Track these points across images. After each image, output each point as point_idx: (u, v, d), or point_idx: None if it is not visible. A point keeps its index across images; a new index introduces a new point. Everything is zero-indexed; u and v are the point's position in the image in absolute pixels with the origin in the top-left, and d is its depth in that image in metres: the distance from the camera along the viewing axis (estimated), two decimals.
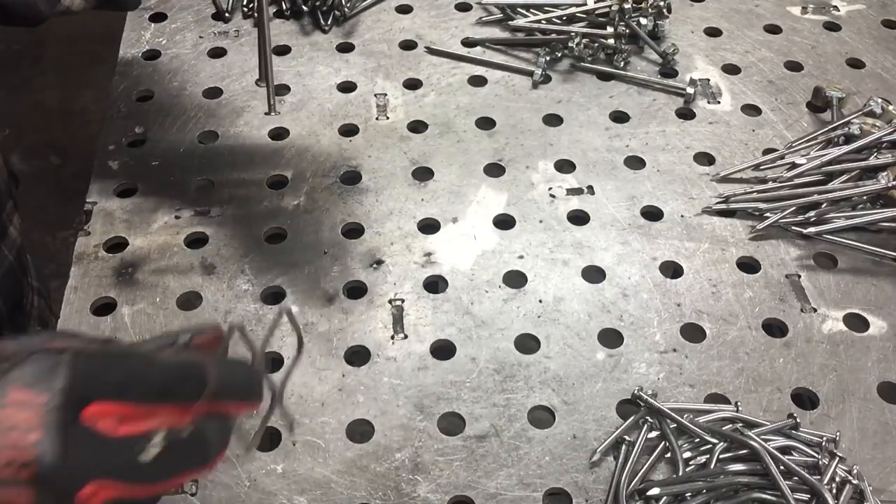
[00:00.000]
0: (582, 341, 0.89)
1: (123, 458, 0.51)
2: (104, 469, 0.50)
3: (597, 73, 1.18)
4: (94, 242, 0.97)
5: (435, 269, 0.95)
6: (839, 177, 1.00)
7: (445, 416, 0.84)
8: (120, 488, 0.51)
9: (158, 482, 0.52)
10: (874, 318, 0.91)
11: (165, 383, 0.53)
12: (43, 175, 2.65)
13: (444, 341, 0.89)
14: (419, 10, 1.28)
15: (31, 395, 0.49)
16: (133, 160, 1.06)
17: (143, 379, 0.52)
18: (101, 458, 0.50)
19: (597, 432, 0.82)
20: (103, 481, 0.50)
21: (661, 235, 0.99)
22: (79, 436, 0.50)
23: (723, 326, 0.91)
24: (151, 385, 0.52)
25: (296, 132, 1.10)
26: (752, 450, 0.78)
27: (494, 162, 1.07)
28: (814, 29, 1.25)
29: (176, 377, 0.53)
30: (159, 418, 0.52)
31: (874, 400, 0.85)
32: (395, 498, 0.78)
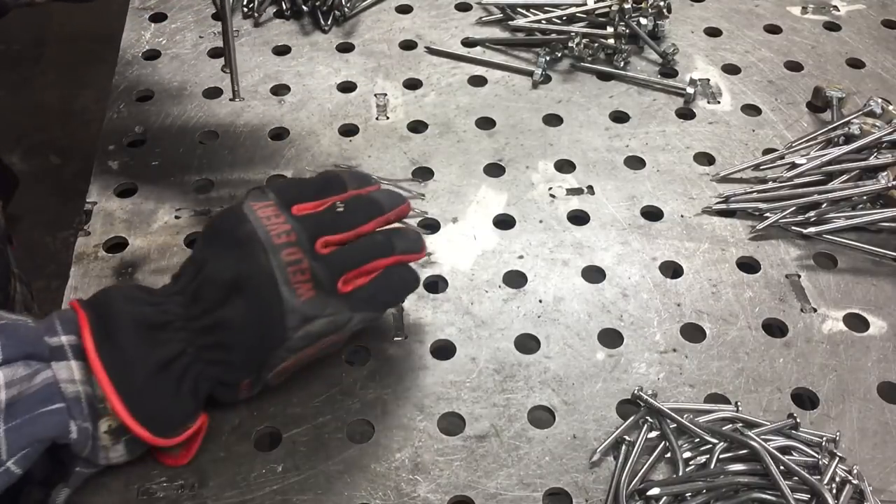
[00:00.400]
0: (582, 341, 0.89)
1: (327, 216, 0.81)
2: (322, 226, 0.80)
3: (597, 73, 1.18)
4: (94, 242, 0.97)
5: (435, 269, 0.95)
6: (839, 177, 1.00)
7: (445, 416, 0.84)
8: (337, 237, 0.80)
9: (355, 226, 0.81)
10: (874, 318, 0.91)
11: (321, 185, 0.84)
12: (43, 175, 2.65)
13: (444, 341, 0.89)
14: (419, 10, 1.28)
15: (263, 204, 0.80)
16: (133, 160, 1.06)
17: (309, 186, 0.84)
18: (317, 221, 0.80)
19: (597, 432, 0.82)
20: (328, 237, 0.79)
21: (661, 235, 0.99)
22: (300, 217, 0.80)
23: (723, 326, 0.91)
24: (315, 187, 0.83)
25: (296, 132, 1.10)
26: (752, 450, 0.78)
27: (494, 162, 1.07)
28: (814, 29, 1.25)
29: (325, 180, 0.85)
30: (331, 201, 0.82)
31: (874, 400, 0.85)
32: (395, 498, 0.78)
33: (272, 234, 0.77)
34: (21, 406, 0.68)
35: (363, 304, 0.80)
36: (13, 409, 0.67)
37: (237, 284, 0.76)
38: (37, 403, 0.69)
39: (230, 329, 0.75)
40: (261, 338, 0.76)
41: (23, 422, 0.67)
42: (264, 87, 1.15)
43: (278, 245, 0.77)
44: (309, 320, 0.77)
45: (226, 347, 0.76)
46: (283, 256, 0.76)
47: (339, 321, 0.78)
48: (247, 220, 0.78)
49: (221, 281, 0.76)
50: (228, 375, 0.77)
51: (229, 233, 0.78)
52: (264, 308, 0.76)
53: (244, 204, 0.80)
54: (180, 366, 0.75)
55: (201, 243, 0.81)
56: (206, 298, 0.76)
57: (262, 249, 0.76)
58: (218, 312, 0.76)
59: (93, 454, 0.73)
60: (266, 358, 0.77)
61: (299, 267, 0.77)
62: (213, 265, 0.77)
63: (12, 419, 0.67)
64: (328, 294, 0.78)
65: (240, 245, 0.77)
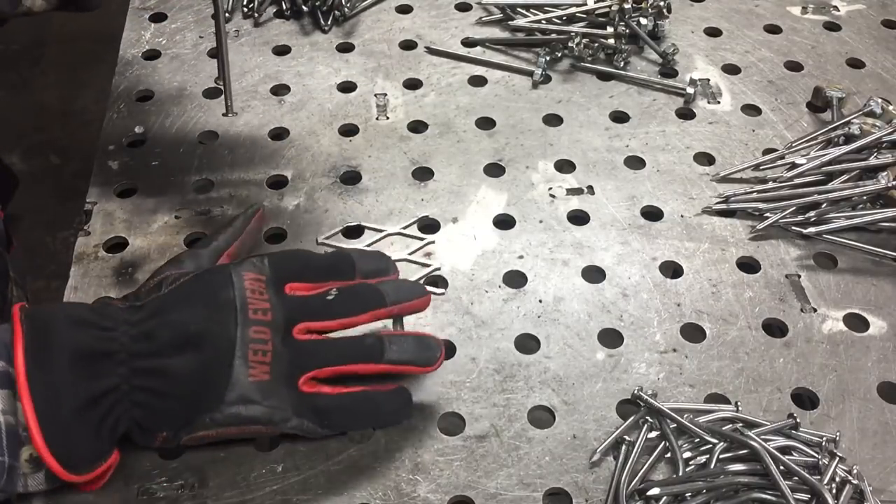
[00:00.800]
0: (582, 341, 0.89)
1: (316, 303, 0.78)
2: (306, 313, 0.78)
3: (597, 73, 1.18)
4: (94, 242, 0.97)
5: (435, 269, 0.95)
6: (839, 177, 1.00)
7: (445, 416, 0.84)
8: (320, 324, 0.78)
9: (344, 316, 0.78)
10: (874, 318, 0.91)
11: (327, 267, 0.82)
12: (43, 175, 2.65)
13: (444, 341, 0.89)
14: (419, 10, 1.28)
15: (253, 276, 0.78)
16: (133, 160, 1.06)
17: (313, 265, 0.82)
18: (302, 305, 0.78)
19: (597, 432, 0.82)
20: (309, 322, 0.77)
21: (661, 235, 0.99)
22: (286, 297, 0.78)
23: (723, 326, 0.91)
24: (318, 268, 0.81)
25: (296, 132, 1.10)
26: (752, 450, 0.78)
27: (494, 162, 1.07)
28: (814, 29, 1.25)
29: (333, 262, 0.83)
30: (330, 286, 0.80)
31: (874, 400, 0.85)
32: (395, 498, 0.78)
33: (249, 308, 0.75)
34: None
35: (309, 413, 0.77)
36: None
37: (196, 340, 0.74)
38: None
39: (171, 379, 0.74)
40: (196, 398, 0.74)
41: None
42: (264, 87, 1.15)
43: (251, 320, 0.75)
44: (245, 402, 0.74)
45: (159, 395, 0.74)
46: (251, 333, 0.75)
47: (274, 417, 0.75)
48: (231, 286, 0.77)
49: (183, 331, 0.74)
50: (151, 423, 0.75)
51: (211, 291, 0.77)
52: (211, 372, 0.74)
53: (237, 269, 0.78)
54: (108, 402, 0.73)
55: (177, 289, 0.78)
56: (159, 341, 0.74)
57: (233, 319, 0.75)
58: (165, 358, 0.74)
59: (9, 484, 0.70)
60: (192, 420, 0.75)
61: (262, 347, 0.75)
62: (180, 313, 0.75)
63: None
64: (281, 385, 0.75)
65: (215, 306, 0.76)
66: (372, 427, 0.81)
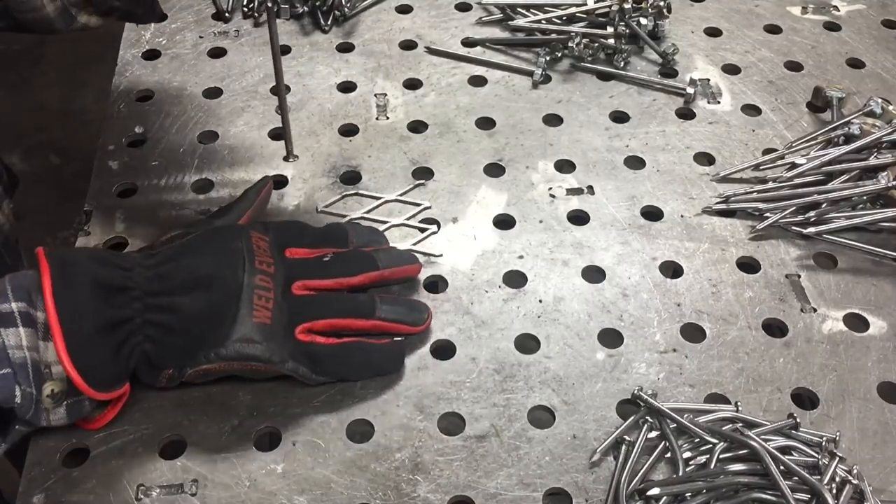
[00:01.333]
0: (582, 341, 0.89)
1: (313, 264, 0.85)
2: (305, 271, 0.84)
3: (597, 73, 1.18)
4: (94, 242, 0.97)
5: (435, 269, 0.95)
6: (839, 177, 1.00)
7: (445, 416, 0.84)
8: (316, 282, 0.84)
9: (338, 276, 0.84)
10: (874, 318, 0.91)
11: (322, 235, 0.88)
12: (43, 175, 2.65)
13: (444, 341, 0.89)
14: (419, 10, 1.28)
15: (260, 236, 0.84)
16: (133, 160, 1.06)
17: (309, 233, 0.88)
18: (301, 265, 0.84)
19: (597, 432, 0.82)
20: (307, 280, 0.83)
21: (661, 235, 0.99)
22: (287, 258, 0.84)
23: (723, 326, 0.91)
24: (313, 236, 0.88)
25: (296, 132, 1.10)
26: (752, 450, 0.78)
27: (494, 162, 1.07)
28: (814, 29, 1.25)
29: (327, 231, 0.89)
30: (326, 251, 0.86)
31: (874, 400, 0.85)
32: (395, 498, 0.78)
33: (256, 259, 0.82)
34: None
35: (307, 361, 0.82)
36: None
37: (207, 282, 0.80)
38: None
39: (181, 315, 0.79)
40: (203, 334, 0.79)
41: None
42: (264, 87, 1.15)
43: (257, 269, 0.81)
44: (248, 340, 0.79)
45: (170, 330, 0.79)
46: (257, 280, 0.81)
47: (273, 357, 0.80)
48: (241, 238, 0.83)
49: (194, 273, 0.80)
50: (160, 358, 0.80)
51: (222, 241, 0.83)
52: (219, 310, 0.79)
53: (245, 228, 0.85)
54: (125, 331, 0.78)
55: (194, 236, 0.84)
56: (172, 280, 0.80)
57: (242, 265, 0.81)
58: (177, 297, 0.79)
59: (35, 416, 0.74)
60: (198, 353, 0.79)
61: (265, 294, 0.81)
62: (193, 258, 0.82)
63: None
64: (280, 331, 0.81)
65: (225, 253, 0.82)
66: (364, 376, 0.85)
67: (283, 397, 0.84)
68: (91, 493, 0.77)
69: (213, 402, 0.84)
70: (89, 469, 0.79)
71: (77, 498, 0.77)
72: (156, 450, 0.80)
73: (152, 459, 0.80)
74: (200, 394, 0.84)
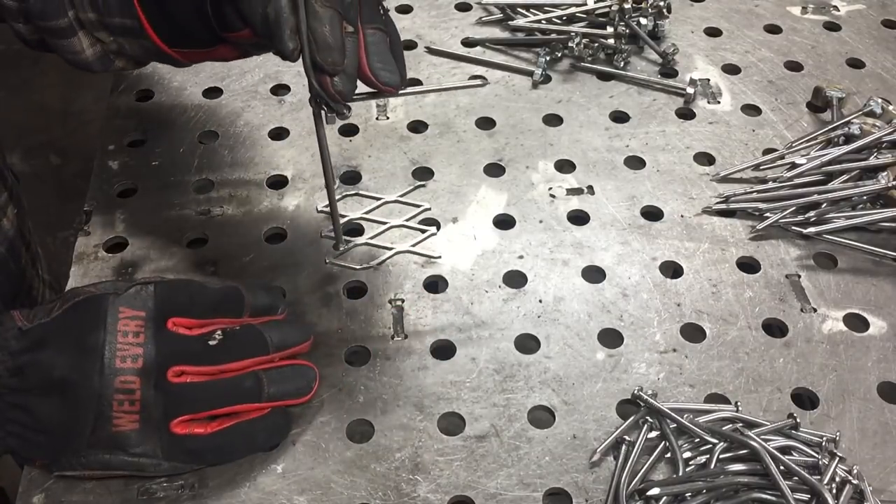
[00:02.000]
0: (582, 341, 0.89)
1: (196, 347, 0.76)
2: (184, 355, 0.75)
3: (597, 73, 1.18)
4: (94, 242, 0.97)
5: (435, 269, 0.95)
6: (839, 177, 1.00)
7: (445, 416, 0.84)
8: (197, 368, 0.75)
9: (224, 363, 0.76)
10: (874, 318, 0.91)
11: (216, 302, 0.79)
12: (43, 175, 2.65)
13: (444, 341, 0.89)
14: (419, 10, 1.28)
15: (135, 312, 0.76)
16: (133, 160, 1.06)
17: (200, 301, 0.79)
18: (181, 348, 0.76)
19: (597, 432, 0.82)
20: (185, 365, 0.75)
21: (661, 235, 0.99)
22: (165, 336, 0.75)
23: (723, 326, 0.91)
24: (208, 304, 0.79)
25: (296, 132, 1.10)
26: (752, 450, 0.78)
27: (494, 162, 1.07)
28: (814, 29, 1.25)
29: (223, 298, 0.80)
30: (216, 325, 0.78)
31: (874, 400, 0.85)
32: (395, 498, 0.78)
33: (117, 356, 0.74)
34: None
35: (182, 455, 0.77)
36: None
37: (60, 387, 0.74)
38: None
39: (39, 418, 0.74)
40: (63, 441, 0.75)
41: None
42: (264, 87, 1.15)
43: (118, 369, 0.74)
44: (112, 450, 0.75)
45: (30, 429, 0.75)
46: (117, 384, 0.74)
47: (143, 464, 0.76)
48: (102, 328, 0.75)
49: (48, 374, 0.74)
50: (25, 451, 0.77)
51: (79, 332, 0.75)
52: (75, 420, 0.74)
53: (114, 303, 0.76)
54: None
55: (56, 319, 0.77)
56: (29, 380, 0.74)
57: (98, 369, 0.74)
58: (34, 398, 0.74)
59: None
60: (61, 458, 0.76)
61: (129, 397, 0.74)
62: (48, 354, 0.75)
63: None
64: (152, 431, 0.75)
65: (81, 351, 0.74)
66: (244, 456, 0.80)
67: None
68: (91, 493, 0.77)
69: None
70: None
71: (77, 498, 0.77)
72: None
73: None
74: None
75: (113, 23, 0.89)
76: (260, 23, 0.76)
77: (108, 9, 0.87)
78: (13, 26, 0.92)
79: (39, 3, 0.88)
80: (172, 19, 0.85)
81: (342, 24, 0.75)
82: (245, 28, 0.80)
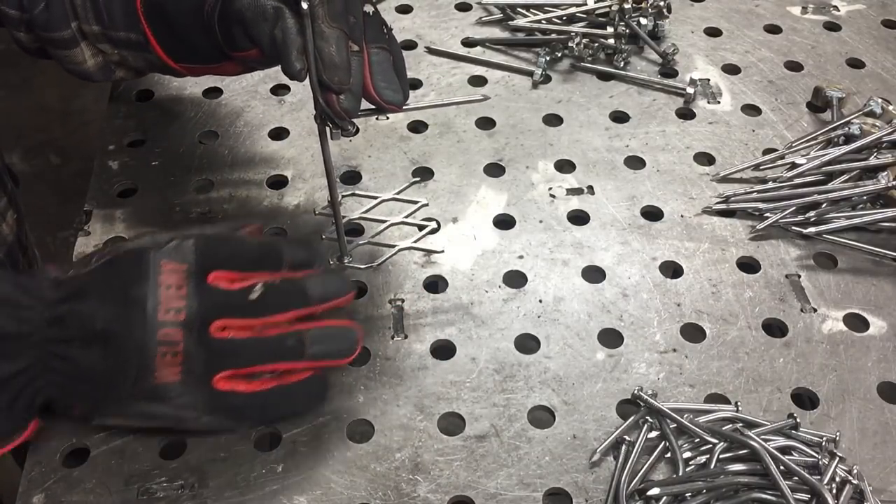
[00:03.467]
0: (582, 341, 0.89)
1: (238, 300, 0.75)
2: (226, 308, 0.75)
3: (597, 73, 1.18)
4: (94, 242, 0.97)
5: (435, 269, 0.95)
6: (839, 177, 1.00)
7: (445, 416, 0.84)
8: (240, 322, 0.75)
9: (266, 315, 0.76)
10: (874, 318, 0.91)
11: (256, 256, 0.78)
12: (43, 175, 2.66)
13: (444, 341, 0.89)
14: (419, 10, 1.28)
15: (176, 265, 0.74)
16: (133, 160, 1.06)
17: (241, 254, 0.78)
18: (223, 301, 0.75)
19: (597, 432, 0.82)
20: (227, 319, 0.74)
21: (661, 235, 0.99)
22: (207, 290, 0.75)
23: (723, 326, 0.91)
24: (248, 257, 0.78)
25: (296, 132, 1.10)
26: (752, 450, 0.78)
27: (494, 162, 1.07)
28: (814, 29, 1.25)
29: (262, 251, 0.79)
30: (256, 278, 0.76)
31: (874, 400, 0.85)
32: (395, 498, 0.78)
33: (160, 308, 0.74)
34: None
35: (223, 411, 0.77)
36: None
37: (103, 338, 0.74)
38: None
39: (81, 369, 0.75)
40: (105, 391, 0.76)
41: None
42: (264, 87, 1.15)
43: (161, 321, 0.73)
44: (153, 401, 0.75)
45: (71, 379, 0.75)
46: (160, 336, 0.73)
47: (184, 417, 0.76)
48: (145, 281, 0.74)
49: (91, 325, 0.74)
50: (65, 400, 0.77)
51: (122, 284, 0.75)
52: (117, 371, 0.74)
53: (154, 256, 0.75)
54: (20, 383, 0.74)
55: (96, 271, 0.77)
56: (70, 330, 0.74)
57: (140, 322, 0.73)
58: (75, 349, 0.74)
59: None
60: (102, 407, 0.77)
61: (171, 349, 0.73)
62: (90, 305, 0.75)
63: None
64: (194, 384, 0.75)
65: (124, 304, 0.74)
66: (281, 420, 0.81)
67: None
68: (91, 493, 0.77)
69: None
70: (89, 469, 0.79)
71: (77, 498, 0.77)
72: (156, 450, 0.80)
73: (152, 459, 0.80)
74: None
75: (117, 36, 0.89)
76: (268, 44, 0.78)
77: (113, 23, 0.88)
78: (13, 34, 0.92)
79: (43, 13, 0.89)
80: (179, 37, 0.85)
81: (348, 43, 0.77)
82: (253, 48, 0.81)
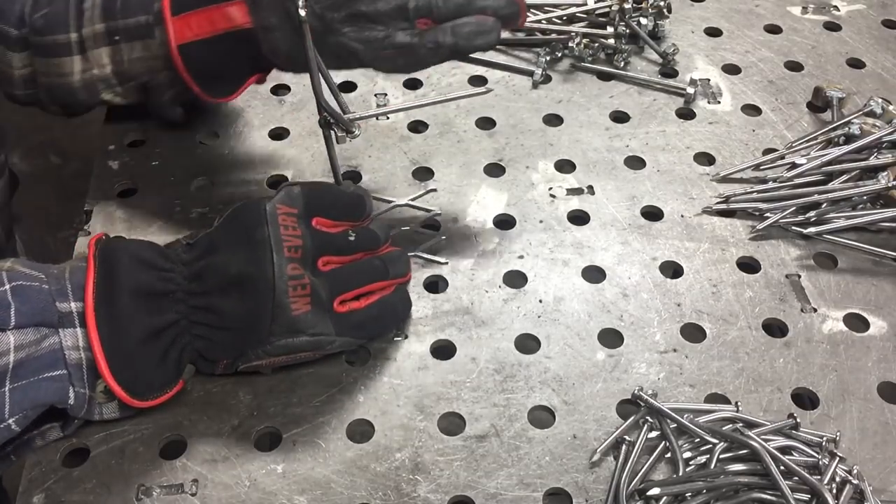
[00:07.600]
0: (582, 341, 0.89)
1: (340, 241, 0.86)
2: (331, 247, 0.85)
3: (597, 73, 1.18)
4: None
5: (435, 269, 0.95)
6: (839, 177, 1.00)
7: (445, 416, 0.84)
8: (339, 259, 0.85)
9: (359, 251, 0.87)
10: (874, 318, 0.91)
11: (349, 206, 0.89)
12: (43, 175, 2.65)
13: (444, 341, 0.89)
14: None
15: (289, 209, 0.84)
16: (133, 160, 1.06)
17: (338, 203, 0.88)
18: (328, 241, 0.85)
19: (597, 432, 0.82)
20: (329, 256, 0.85)
21: (661, 235, 0.99)
22: (315, 231, 0.85)
23: (723, 326, 0.91)
24: (343, 207, 0.88)
25: (296, 132, 1.10)
26: (752, 450, 0.78)
27: (494, 162, 1.07)
28: (814, 29, 1.25)
29: (353, 203, 0.89)
30: (344, 226, 0.87)
31: (874, 400, 0.85)
32: (395, 498, 0.78)
33: (284, 246, 0.81)
34: (26, 369, 0.73)
35: (350, 330, 0.84)
36: (19, 371, 0.72)
37: (239, 281, 0.80)
38: (41, 368, 0.74)
39: (221, 316, 0.80)
40: (245, 334, 0.81)
41: (27, 384, 0.73)
42: (264, 87, 1.15)
43: (287, 258, 0.80)
44: (293, 333, 0.80)
45: (215, 329, 0.81)
46: (288, 270, 0.80)
47: (321, 342, 0.82)
48: (264, 224, 0.82)
49: (225, 272, 0.80)
50: (211, 353, 0.82)
51: (245, 230, 0.82)
52: (256, 312, 0.80)
53: (270, 202, 0.84)
54: (170, 335, 0.80)
55: (220, 227, 0.85)
56: (207, 281, 0.81)
57: (270, 259, 0.80)
58: (215, 298, 0.80)
59: (88, 413, 0.78)
60: (246, 350, 0.81)
61: (300, 282, 0.80)
62: (222, 255, 0.81)
63: (17, 380, 0.72)
64: (322, 312, 0.82)
65: (251, 246, 0.81)
66: (391, 330, 0.89)
67: (283, 397, 0.84)
68: (91, 493, 0.77)
69: (213, 402, 0.84)
70: (89, 469, 0.79)
71: (77, 498, 0.77)
72: (156, 450, 0.80)
73: (152, 459, 0.80)
74: (200, 394, 0.84)
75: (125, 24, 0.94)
76: None
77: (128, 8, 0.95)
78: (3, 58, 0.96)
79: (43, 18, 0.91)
80: None
81: None
82: None
